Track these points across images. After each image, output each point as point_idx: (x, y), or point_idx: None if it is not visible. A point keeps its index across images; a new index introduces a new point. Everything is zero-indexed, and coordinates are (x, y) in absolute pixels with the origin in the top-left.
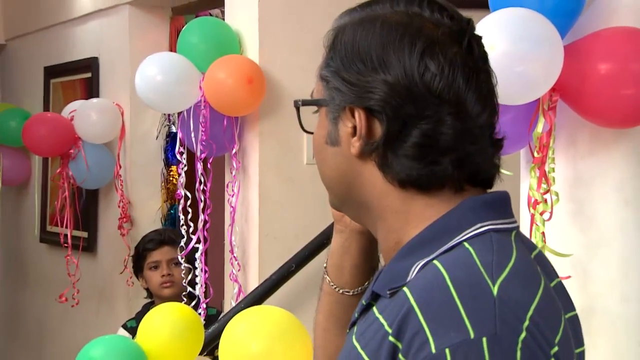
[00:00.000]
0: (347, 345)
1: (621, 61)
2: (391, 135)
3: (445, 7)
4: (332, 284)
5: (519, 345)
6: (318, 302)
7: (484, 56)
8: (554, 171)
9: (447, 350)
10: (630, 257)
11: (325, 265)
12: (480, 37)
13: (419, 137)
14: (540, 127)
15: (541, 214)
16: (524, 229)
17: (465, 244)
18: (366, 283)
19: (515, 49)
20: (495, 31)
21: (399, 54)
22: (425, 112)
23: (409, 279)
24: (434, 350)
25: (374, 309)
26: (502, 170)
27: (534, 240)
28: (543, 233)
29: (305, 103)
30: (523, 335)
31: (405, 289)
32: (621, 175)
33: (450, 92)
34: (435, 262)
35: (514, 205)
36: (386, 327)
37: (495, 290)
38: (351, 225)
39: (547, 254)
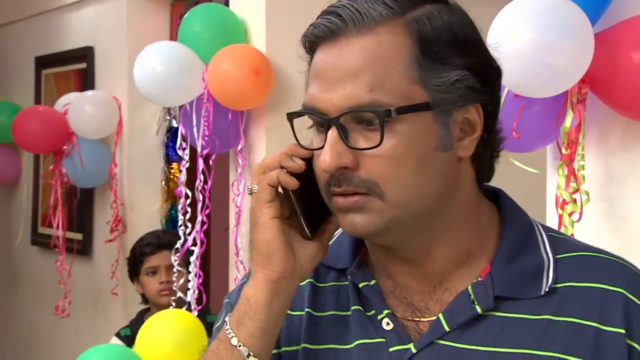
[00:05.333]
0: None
1: None
2: (488, 130)
3: None
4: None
5: None
6: None
7: None
8: (583, 169)
9: None
10: None
11: (249, 354)
12: None
13: (499, 131)
14: (568, 122)
15: (570, 215)
16: None
17: (551, 233)
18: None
19: (542, 37)
20: (519, 18)
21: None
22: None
23: (551, 275)
24: None
25: (505, 314)
26: (528, 168)
27: None
28: (572, 235)
29: (406, 110)
30: None
31: (589, 283)
32: None
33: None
34: (581, 253)
35: (541, 205)
36: (591, 324)
37: None
38: (300, 278)
39: None
